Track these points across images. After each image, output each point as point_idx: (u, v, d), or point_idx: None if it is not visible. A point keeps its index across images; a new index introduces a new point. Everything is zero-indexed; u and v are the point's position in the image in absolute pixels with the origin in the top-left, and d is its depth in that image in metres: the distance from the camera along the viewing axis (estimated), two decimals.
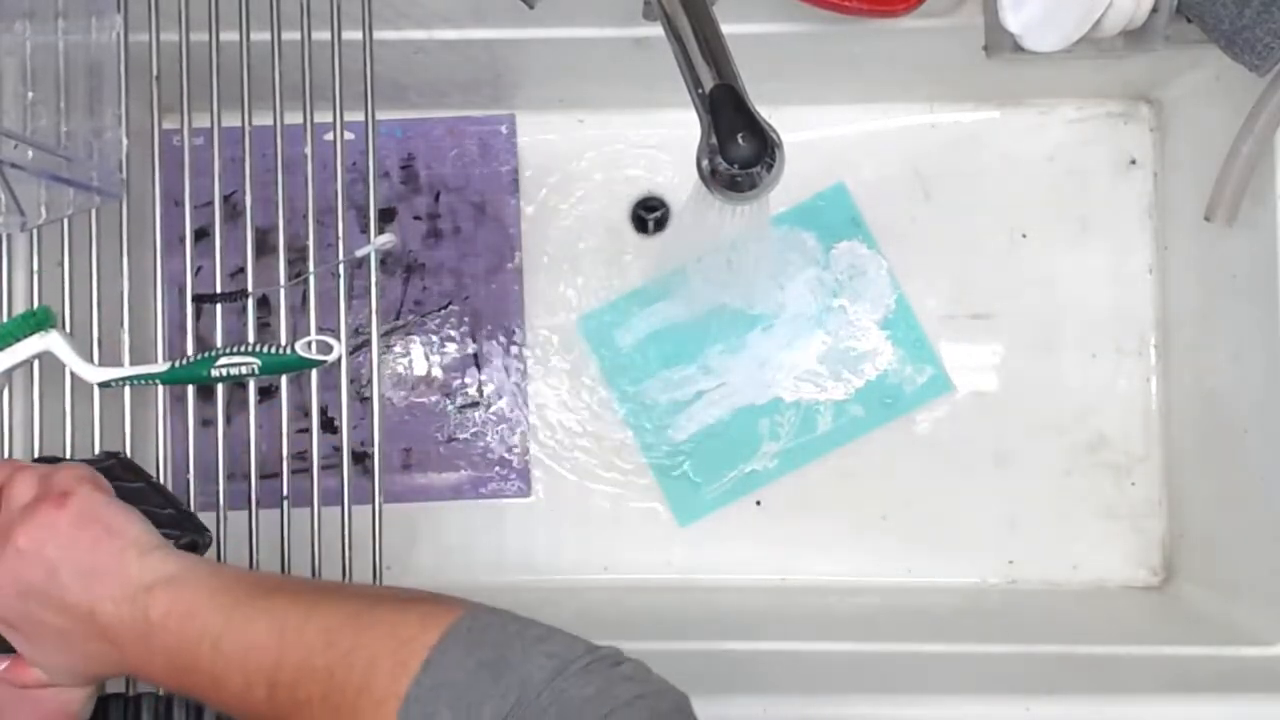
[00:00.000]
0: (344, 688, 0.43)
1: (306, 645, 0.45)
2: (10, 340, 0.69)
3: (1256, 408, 0.81)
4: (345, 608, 0.46)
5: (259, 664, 0.46)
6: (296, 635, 0.46)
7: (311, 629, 0.45)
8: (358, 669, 0.43)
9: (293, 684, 0.45)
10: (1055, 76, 0.89)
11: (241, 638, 0.47)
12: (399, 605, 0.46)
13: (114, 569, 0.50)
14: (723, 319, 0.95)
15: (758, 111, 0.58)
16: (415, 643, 0.43)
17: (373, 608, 0.46)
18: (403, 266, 0.94)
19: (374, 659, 0.43)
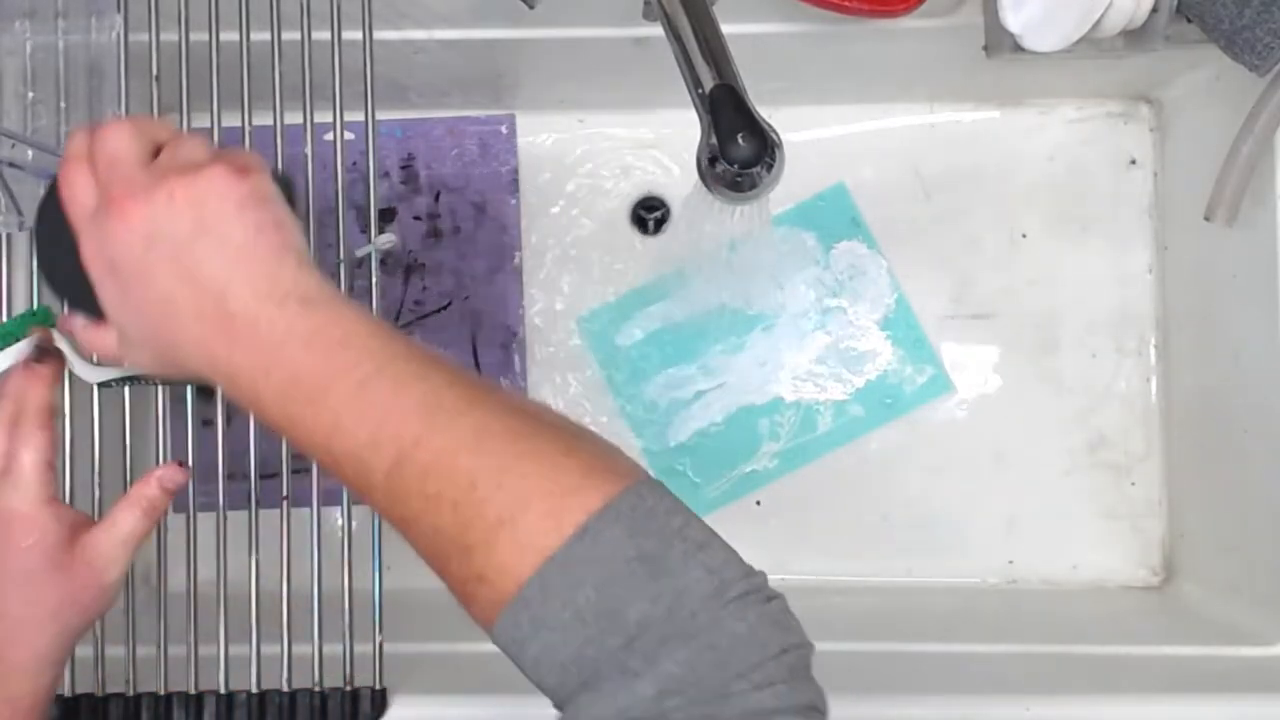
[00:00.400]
0: (483, 507, 0.39)
1: (457, 437, 0.40)
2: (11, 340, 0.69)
3: (1256, 408, 0.81)
4: (506, 420, 0.41)
5: (397, 430, 0.40)
6: (448, 421, 0.40)
7: (466, 423, 0.40)
8: (504, 496, 0.39)
9: (424, 471, 0.40)
10: (1055, 76, 0.89)
11: (389, 392, 0.40)
12: (564, 444, 0.41)
13: (269, 261, 0.43)
14: (723, 319, 0.94)
15: (758, 111, 0.58)
16: (575, 498, 0.39)
17: (535, 434, 0.41)
18: (403, 266, 0.94)
19: (526, 496, 0.39)
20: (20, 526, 0.49)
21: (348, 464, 0.41)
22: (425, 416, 0.40)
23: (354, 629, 0.70)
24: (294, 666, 0.70)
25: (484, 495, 0.39)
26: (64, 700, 0.70)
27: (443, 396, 0.41)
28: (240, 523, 0.71)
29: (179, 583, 0.72)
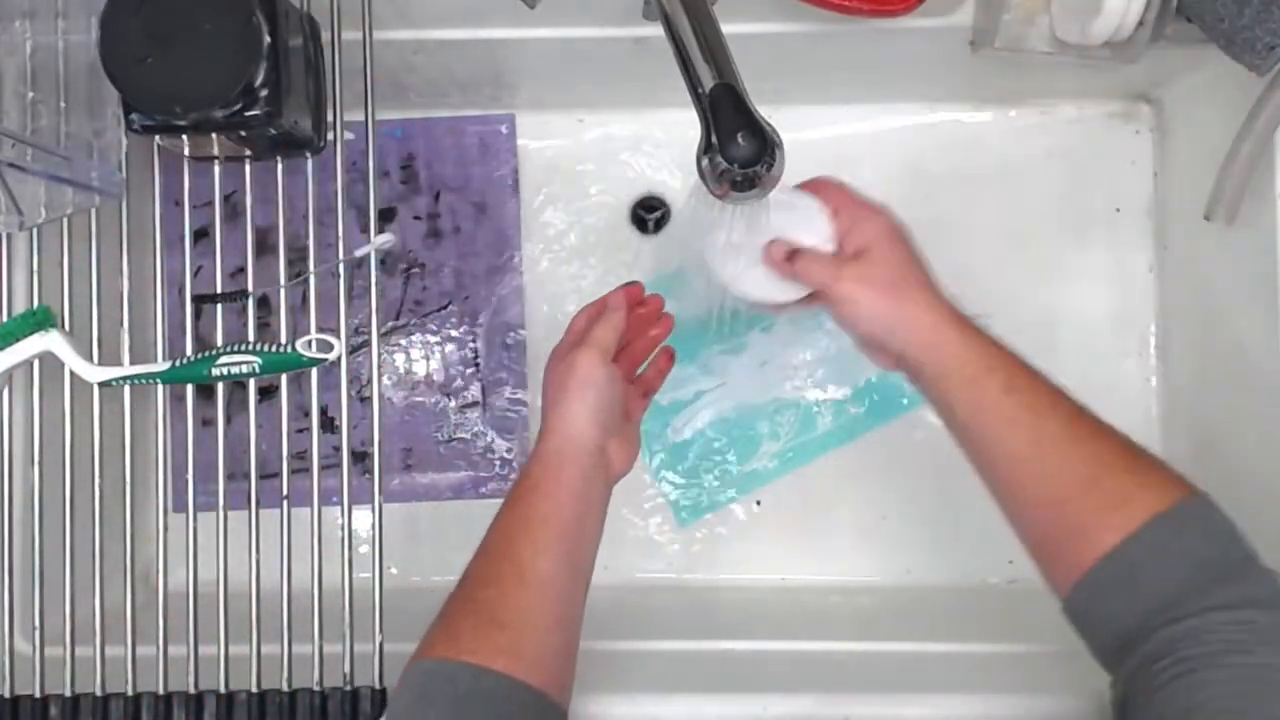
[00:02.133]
0: (1106, 493, 0.56)
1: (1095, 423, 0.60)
2: (10, 340, 0.69)
3: (1256, 408, 0.81)
4: (1110, 443, 0.60)
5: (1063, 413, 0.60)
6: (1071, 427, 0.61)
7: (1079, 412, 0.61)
8: (1118, 486, 0.55)
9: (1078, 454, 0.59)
10: (1055, 77, 0.89)
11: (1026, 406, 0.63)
12: (1146, 466, 0.58)
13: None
14: (723, 319, 0.94)
15: (758, 111, 0.58)
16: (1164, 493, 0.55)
17: (1134, 456, 0.59)
18: (403, 266, 0.94)
19: (1129, 491, 0.55)
20: (582, 371, 0.68)
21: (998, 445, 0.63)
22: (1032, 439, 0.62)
23: (354, 629, 0.70)
24: (294, 666, 0.70)
25: (1107, 485, 0.57)
26: (64, 700, 0.70)
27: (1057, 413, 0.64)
28: (240, 523, 0.71)
29: (179, 583, 0.72)
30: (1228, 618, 0.49)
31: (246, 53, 0.62)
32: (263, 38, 0.62)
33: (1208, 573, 0.52)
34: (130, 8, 0.61)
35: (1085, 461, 0.59)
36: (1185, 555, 0.53)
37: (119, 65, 0.62)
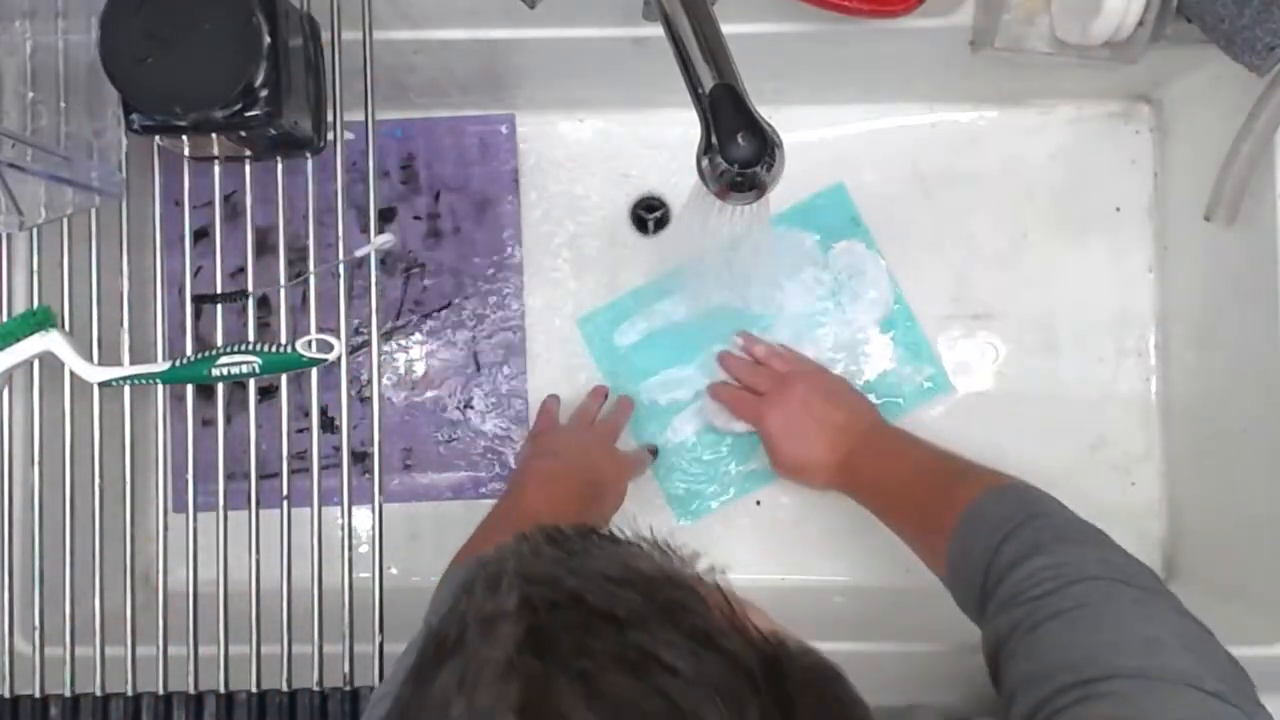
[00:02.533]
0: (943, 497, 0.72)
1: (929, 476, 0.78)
2: (11, 340, 0.69)
3: (1256, 408, 0.81)
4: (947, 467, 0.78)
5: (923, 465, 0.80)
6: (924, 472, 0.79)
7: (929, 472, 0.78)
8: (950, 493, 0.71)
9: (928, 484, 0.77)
10: (1055, 77, 0.89)
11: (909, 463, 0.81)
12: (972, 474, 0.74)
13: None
14: (723, 319, 0.94)
15: (758, 111, 0.58)
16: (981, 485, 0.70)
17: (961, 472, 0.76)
18: (403, 266, 0.94)
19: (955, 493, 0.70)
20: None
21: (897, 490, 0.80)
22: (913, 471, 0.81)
23: (354, 629, 0.70)
24: (294, 666, 0.70)
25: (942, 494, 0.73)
26: (64, 700, 0.70)
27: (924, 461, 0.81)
28: (240, 523, 0.71)
29: (179, 583, 0.72)
30: (1022, 573, 0.59)
31: (246, 53, 0.62)
32: (263, 38, 0.63)
33: (1006, 529, 0.63)
34: (130, 8, 0.62)
35: (934, 488, 0.76)
36: (989, 523, 0.65)
37: (119, 65, 0.62)
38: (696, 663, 0.31)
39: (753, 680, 0.32)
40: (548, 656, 0.30)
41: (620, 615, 0.32)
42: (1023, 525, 0.62)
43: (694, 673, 0.31)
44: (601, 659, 0.30)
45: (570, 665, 0.30)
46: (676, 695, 0.30)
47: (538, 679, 0.30)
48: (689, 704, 0.30)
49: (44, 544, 0.72)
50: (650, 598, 0.32)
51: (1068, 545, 0.60)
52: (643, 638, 0.31)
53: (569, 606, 0.32)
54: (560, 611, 0.32)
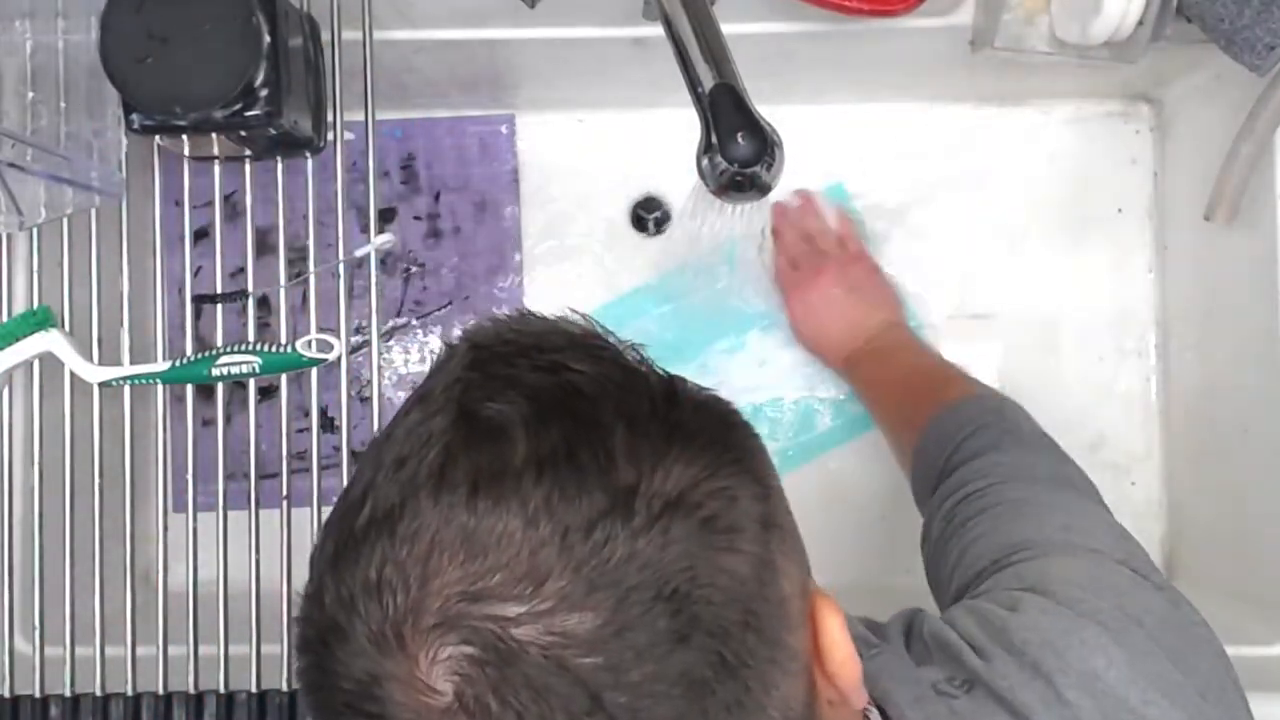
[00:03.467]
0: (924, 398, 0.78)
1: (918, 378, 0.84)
2: (11, 340, 0.69)
3: (1256, 408, 0.81)
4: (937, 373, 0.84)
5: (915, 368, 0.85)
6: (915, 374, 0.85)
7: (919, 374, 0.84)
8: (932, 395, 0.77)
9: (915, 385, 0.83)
10: (1055, 77, 0.89)
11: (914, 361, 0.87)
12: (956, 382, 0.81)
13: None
14: (723, 319, 0.94)
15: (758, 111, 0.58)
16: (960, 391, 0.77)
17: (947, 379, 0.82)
18: (403, 266, 0.94)
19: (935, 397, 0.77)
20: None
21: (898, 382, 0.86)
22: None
23: None
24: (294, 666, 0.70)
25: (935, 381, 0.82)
26: (64, 700, 0.70)
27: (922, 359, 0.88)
28: (240, 523, 0.71)
29: (179, 583, 0.72)
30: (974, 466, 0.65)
31: (246, 53, 0.62)
32: (263, 38, 0.62)
33: (972, 427, 0.69)
34: (130, 8, 0.62)
35: (918, 389, 0.81)
36: (957, 420, 0.71)
37: (119, 65, 0.62)
38: (600, 370, 0.39)
39: (648, 384, 0.39)
40: (484, 370, 0.39)
41: (544, 346, 0.40)
42: (988, 426, 0.69)
43: (597, 374, 0.39)
44: (524, 367, 0.39)
45: (500, 372, 0.39)
46: (581, 384, 0.38)
47: (474, 382, 0.38)
48: (590, 390, 0.38)
49: (44, 544, 0.72)
50: (571, 339, 0.41)
51: (1023, 450, 0.67)
52: (559, 356, 0.39)
53: (504, 345, 0.40)
54: (497, 347, 0.40)
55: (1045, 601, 0.50)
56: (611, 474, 0.35)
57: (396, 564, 0.35)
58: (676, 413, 0.39)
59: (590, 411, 0.37)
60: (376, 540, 0.35)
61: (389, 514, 0.36)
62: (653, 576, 0.35)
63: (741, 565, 0.37)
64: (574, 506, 0.35)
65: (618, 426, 0.37)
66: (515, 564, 0.34)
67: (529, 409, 0.37)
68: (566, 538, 0.34)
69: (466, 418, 0.37)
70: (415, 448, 0.37)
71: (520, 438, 0.36)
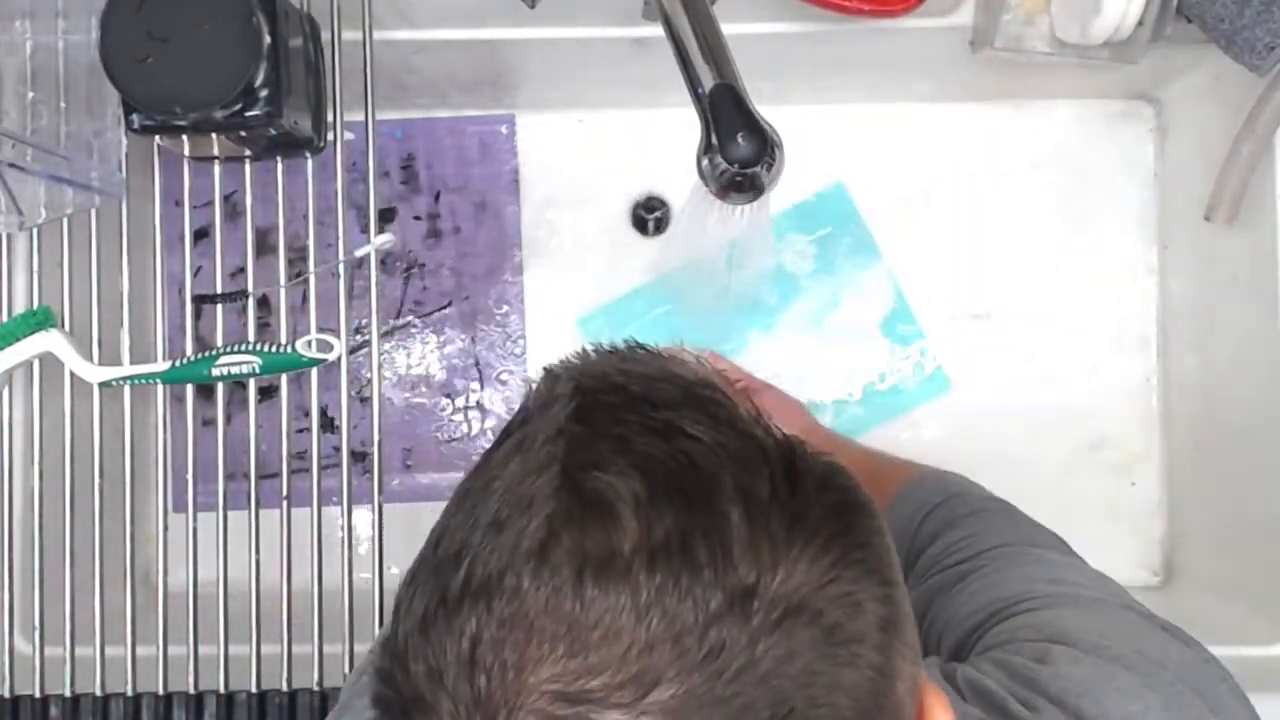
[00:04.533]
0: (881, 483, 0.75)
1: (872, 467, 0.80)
2: (11, 340, 0.70)
3: (1256, 408, 0.81)
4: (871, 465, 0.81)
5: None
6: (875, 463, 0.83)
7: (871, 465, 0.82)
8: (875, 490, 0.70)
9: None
10: (1055, 77, 0.89)
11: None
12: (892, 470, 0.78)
13: None
14: (723, 319, 0.94)
15: (758, 111, 0.58)
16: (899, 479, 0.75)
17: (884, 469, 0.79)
18: (403, 266, 0.94)
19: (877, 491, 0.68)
20: None
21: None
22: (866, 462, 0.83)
23: (354, 629, 0.70)
24: (294, 666, 0.70)
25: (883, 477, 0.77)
26: (64, 700, 0.70)
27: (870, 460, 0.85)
28: (240, 523, 0.71)
29: (179, 583, 0.72)
30: (937, 547, 0.65)
31: (246, 53, 0.62)
32: (263, 38, 0.63)
33: (923, 512, 0.69)
34: (130, 8, 0.62)
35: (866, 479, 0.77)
36: (908, 509, 0.70)
37: (119, 65, 0.62)
38: (717, 435, 0.36)
39: (766, 456, 0.36)
40: (590, 424, 0.36)
41: (655, 400, 0.37)
42: (939, 506, 0.68)
43: (713, 442, 0.36)
44: (635, 427, 0.36)
45: (608, 430, 0.36)
46: (696, 456, 0.35)
47: (580, 439, 0.36)
48: (706, 464, 0.35)
49: (44, 544, 0.72)
50: (684, 391, 0.38)
51: (977, 518, 0.66)
52: (672, 416, 0.36)
53: (612, 392, 0.38)
54: (605, 395, 0.37)
55: (1072, 651, 0.49)
56: (728, 569, 0.32)
57: (494, 643, 0.32)
58: (799, 498, 0.35)
59: (706, 491, 0.34)
60: (472, 612, 0.33)
61: (485, 584, 0.33)
62: (768, 694, 0.32)
63: (860, 680, 0.34)
64: (688, 604, 0.32)
65: (734, 512, 0.34)
66: (623, 665, 0.31)
67: (640, 485, 0.34)
68: (681, 640, 0.31)
69: (572, 487, 0.34)
70: (516, 511, 0.34)
71: (630, 519, 0.33)
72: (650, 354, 0.40)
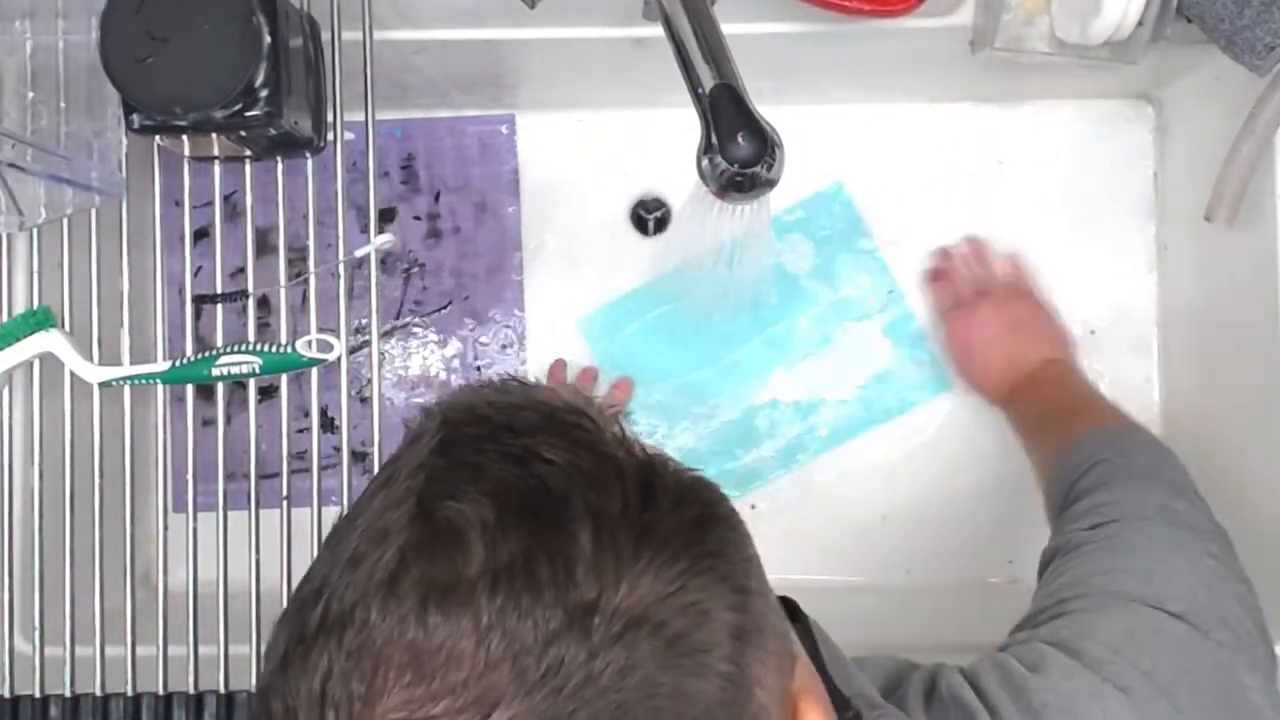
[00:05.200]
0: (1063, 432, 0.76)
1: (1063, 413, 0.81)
2: (11, 340, 0.69)
3: (1256, 408, 0.81)
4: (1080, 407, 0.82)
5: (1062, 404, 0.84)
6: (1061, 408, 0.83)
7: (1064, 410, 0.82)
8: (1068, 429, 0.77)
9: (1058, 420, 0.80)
10: (1055, 76, 0.89)
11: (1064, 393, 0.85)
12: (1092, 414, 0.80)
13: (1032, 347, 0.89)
14: (723, 319, 0.94)
15: (758, 111, 0.58)
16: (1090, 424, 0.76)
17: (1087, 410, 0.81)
18: (403, 266, 0.94)
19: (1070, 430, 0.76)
20: None
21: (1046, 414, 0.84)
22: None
23: None
24: None
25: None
26: (64, 700, 0.70)
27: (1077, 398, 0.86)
28: (240, 523, 0.71)
29: (179, 583, 0.72)
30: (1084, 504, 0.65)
31: (246, 53, 0.62)
32: (263, 38, 0.63)
33: (1091, 462, 0.69)
34: (130, 8, 0.62)
35: (1060, 424, 0.79)
36: (1079, 456, 0.70)
37: (119, 65, 0.62)
38: (572, 458, 0.36)
39: (621, 474, 0.36)
40: (450, 455, 0.36)
41: (516, 428, 0.37)
42: (1105, 461, 0.68)
43: (567, 464, 0.36)
44: (492, 455, 0.36)
45: (467, 460, 0.36)
46: (548, 478, 0.35)
47: (440, 470, 0.36)
48: (557, 485, 0.35)
49: (44, 544, 0.72)
50: (546, 417, 0.38)
51: (1135, 484, 0.66)
52: (530, 441, 0.36)
53: (476, 423, 0.38)
54: (468, 426, 0.38)
55: (1071, 663, 0.50)
56: (570, 587, 0.33)
57: (343, 676, 0.33)
58: (650, 512, 0.35)
59: (555, 513, 0.34)
60: (324, 648, 0.33)
61: (339, 620, 0.33)
62: (608, 707, 0.32)
63: (710, 689, 0.34)
64: (527, 624, 0.32)
65: (582, 531, 0.34)
66: (464, 689, 0.31)
67: (490, 510, 0.34)
68: (519, 660, 0.32)
69: (424, 517, 0.34)
70: (371, 546, 0.35)
71: (477, 544, 0.33)
72: (522, 385, 0.40)
